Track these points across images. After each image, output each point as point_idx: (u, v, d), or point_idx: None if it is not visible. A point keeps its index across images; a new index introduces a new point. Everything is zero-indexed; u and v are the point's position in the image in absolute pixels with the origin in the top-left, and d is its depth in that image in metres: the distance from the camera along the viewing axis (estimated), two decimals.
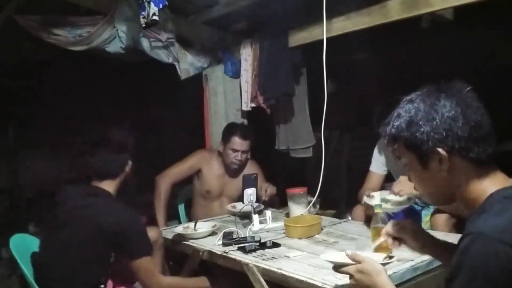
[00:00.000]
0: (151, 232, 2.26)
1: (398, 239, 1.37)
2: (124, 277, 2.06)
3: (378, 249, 1.77)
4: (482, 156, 1.06)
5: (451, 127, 1.05)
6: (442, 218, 2.28)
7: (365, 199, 2.33)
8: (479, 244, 0.93)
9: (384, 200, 2.29)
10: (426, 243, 1.35)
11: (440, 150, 1.06)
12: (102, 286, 1.90)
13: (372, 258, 1.27)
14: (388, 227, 1.38)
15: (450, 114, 1.06)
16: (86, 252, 1.83)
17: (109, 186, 1.97)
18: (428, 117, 1.07)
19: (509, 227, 0.94)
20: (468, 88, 1.11)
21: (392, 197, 2.30)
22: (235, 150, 2.89)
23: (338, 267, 1.31)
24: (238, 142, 2.88)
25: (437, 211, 2.34)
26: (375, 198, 2.33)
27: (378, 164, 2.67)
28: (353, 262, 1.25)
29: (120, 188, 2.02)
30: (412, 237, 1.35)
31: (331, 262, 1.35)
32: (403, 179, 2.23)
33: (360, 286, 1.25)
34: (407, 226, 1.36)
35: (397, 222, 1.39)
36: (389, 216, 2.09)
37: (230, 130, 2.97)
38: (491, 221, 0.96)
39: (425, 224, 2.45)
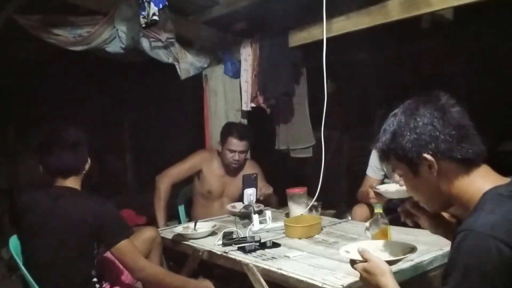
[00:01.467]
0: (148, 231, 2.27)
1: (412, 216, 1.39)
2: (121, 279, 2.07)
3: (376, 235, 1.77)
4: (469, 155, 1.09)
5: (432, 132, 1.10)
6: None
7: (372, 190, 2.36)
8: (470, 241, 0.95)
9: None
10: (440, 224, 1.37)
11: (426, 155, 1.10)
12: (95, 279, 1.91)
13: (380, 257, 1.27)
14: (406, 205, 1.39)
15: (430, 120, 1.11)
16: (70, 251, 1.83)
17: (74, 183, 1.95)
18: (410, 126, 1.13)
19: (501, 223, 0.95)
20: (447, 95, 1.15)
21: (394, 186, 2.32)
22: (232, 151, 2.89)
23: (351, 262, 1.32)
24: (234, 143, 2.88)
25: None
26: (385, 186, 2.39)
27: (374, 169, 2.71)
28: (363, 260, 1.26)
29: (83, 184, 2.00)
30: (428, 217, 1.36)
31: (347, 256, 1.37)
32: None
33: (366, 284, 1.26)
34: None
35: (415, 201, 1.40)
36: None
37: (227, 131, 2.95)
38: (483, 217, 0.98)
39: None
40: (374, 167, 2.69)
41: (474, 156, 1.09)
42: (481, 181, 1.08)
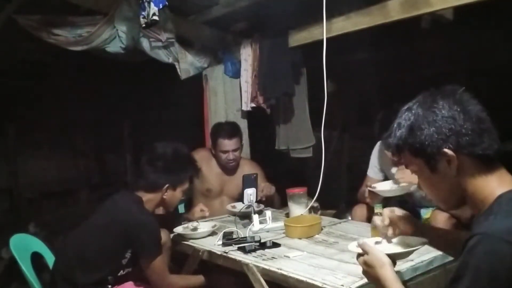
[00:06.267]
0: (161, 234, 2.27)
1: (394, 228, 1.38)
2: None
3: (375, 233, 1.76)
4: (489, 151, 1.05)
5: (453, 126, 1.05)
6: (442, 217, 2.27)
7: (367, 189, 2.43)
8: (485, 245, 0.93)
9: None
10: (418, 228, 1.38)
11: (446, 150, 1.06)
12: (110, 286, 1.92)
13: (380, 249, 1.25)
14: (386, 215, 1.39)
15: (450, 113, 1.06)
16: (98, 243, 1.92)
17: (144, 196, 2.06)
18: (429, 120, 1.07)
19: None
20: (462, 89, 1.12)
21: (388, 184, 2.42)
22: (224, 152, 2.91)
23: (357, 256, 1.31)
24: (225, 143, 2.89)
25: (437, 208, 2.33)
26: (381, 185, 2.45)
27: (374, 169, 2.70)
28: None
29: (154, 206, 2.10)
30: (404, 223, 1.37)
31: (356, 250, 1.34)
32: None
33: (367, 277, 1.25)
34: (400, 214, 1.39)
35: (391, 210, 1.41)
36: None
37: (215, 133, 2.97)
38: (498, 222, 0.96)
39: (424, 222, 2.45)
40: (375, 167, 2.69)
41: (494, 152, 1.05)
42: (497, 181, 1.06)
